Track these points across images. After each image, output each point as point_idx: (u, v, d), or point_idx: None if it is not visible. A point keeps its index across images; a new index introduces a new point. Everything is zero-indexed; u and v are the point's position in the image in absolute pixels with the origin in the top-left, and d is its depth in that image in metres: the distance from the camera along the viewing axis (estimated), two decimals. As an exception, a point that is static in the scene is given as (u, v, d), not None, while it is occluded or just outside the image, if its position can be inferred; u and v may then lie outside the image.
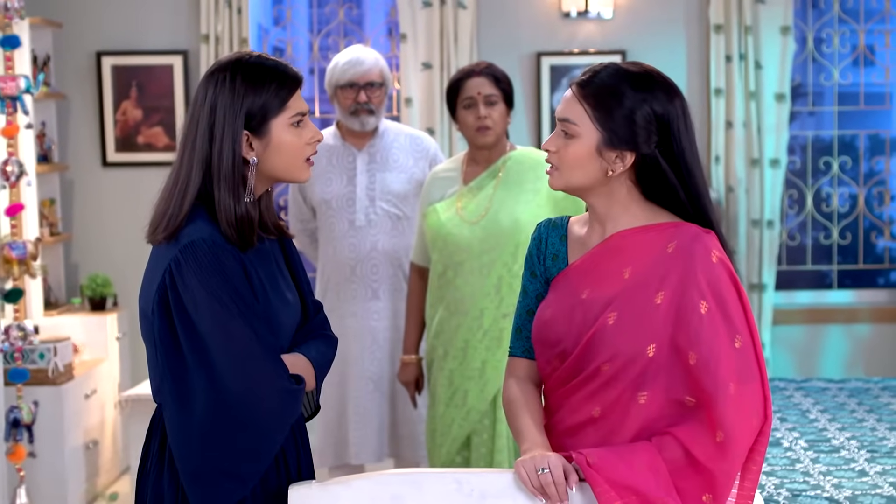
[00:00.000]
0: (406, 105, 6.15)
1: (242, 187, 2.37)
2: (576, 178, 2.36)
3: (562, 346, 2.36)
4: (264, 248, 2.46)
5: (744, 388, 2.24)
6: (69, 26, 6.18)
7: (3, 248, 4.61)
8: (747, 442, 2.26)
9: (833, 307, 6.46)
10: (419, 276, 4.12)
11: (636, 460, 2.23)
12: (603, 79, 2.34)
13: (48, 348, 5.12)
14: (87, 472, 5.41)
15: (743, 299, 2.30)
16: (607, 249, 2.38)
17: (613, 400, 2.29)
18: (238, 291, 2.30)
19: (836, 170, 6.54)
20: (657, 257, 2.31)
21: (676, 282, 2.28)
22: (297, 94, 2.42)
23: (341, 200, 4.37)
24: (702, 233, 2.33)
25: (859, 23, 6.50)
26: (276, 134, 2.39)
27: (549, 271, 2.46)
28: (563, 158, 2.35)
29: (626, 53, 6.20)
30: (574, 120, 2.34)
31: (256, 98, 2.37)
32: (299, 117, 2.41)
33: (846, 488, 3.58)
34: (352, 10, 6.67)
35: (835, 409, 4.64)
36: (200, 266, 2.29)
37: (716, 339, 2.24)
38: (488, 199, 3.88)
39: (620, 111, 2.31)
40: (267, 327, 2.34)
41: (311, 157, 2.44)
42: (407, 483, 2.30)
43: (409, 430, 4.42)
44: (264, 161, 2.39)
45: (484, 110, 3.87)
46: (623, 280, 2.32)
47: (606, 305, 2.31)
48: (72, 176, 6.30)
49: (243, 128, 2.37)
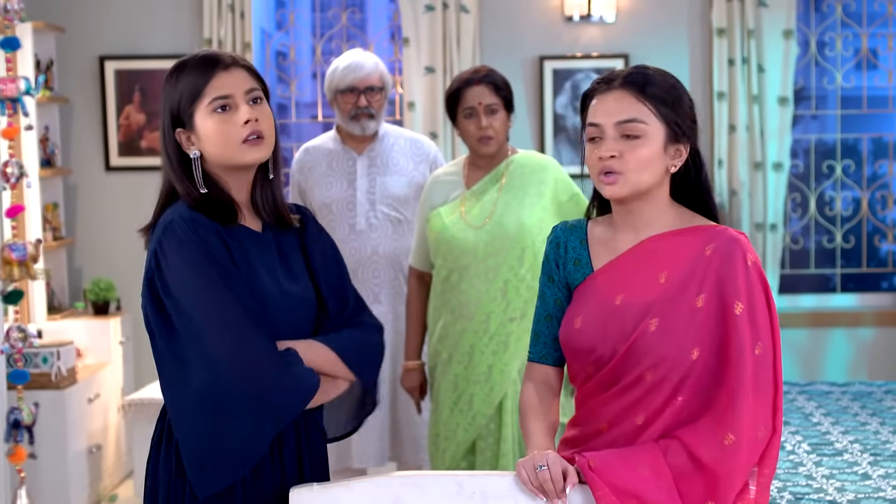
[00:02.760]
0: (409, 109, 6.15)
1: (192, 182, 2.39)
2: (643, 181, 2.32)
3: (596, 353, 2.34)
4: (262, 236, 2.46)
5: (755, 398, 2.24)
6: (72, 31, 6.19)
7: (3, 249, 4.61)
8: (754, 450, 2.25)
9: (836, 311, 6.45)
10: (418, 281, 4.12)
11: (639, 464, 2.22)
12: (652, 76, 2.34)
13: (51, 352, 5.12)
14: (90, 476, 5.41)
15: (771, 306, 2.30)
16: (641, 253, 2.36)
17: (659, 407, 2.28)
18: (218, 262, 2.31)
19: (840, 173, 6.53)
20: (695, 260, 2.31)
21: (715, 283, 2.28)
22: (216, 79, 2.37)
23: (342, 204, 4.37)
24: (738, 235, 2.33)
25: (862, 26, 6.49)
26: (200, 123, 2.38)
27: (570, 276, 2.44)
28: (630, 161, 2.30)
29: (629, 57, 6.20)
30: (641, 118, 2.31)
31: (174, 93, 2.39)
32: (220, 101, 2.36)
33: (849, 492, 3.57)
34: (355, 14, 6.68)
35: (838, 412, 4.64)
36: (181, 243, 2.31)
37: (744, 341, 2.25)
38: (492, 203, 3.88)
39: (681, 105, 2.33)
40: (251, 298, 2.35)
41: (251, 137, 2.37)
42: (408, 485, 2.30)
43: (412, 434, 4.42)
44: (204, 152, 2.39)
45: (485, 120, 3.87)
46: (660, 285, 2.31)
47: (646, 311, 2.30)
48: (75, 180, 6.31)
49: (173, 126, 2.40)
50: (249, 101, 2.39)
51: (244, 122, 2.37)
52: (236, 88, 2.38)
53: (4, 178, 4.59)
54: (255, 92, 2.41)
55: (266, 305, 2.38)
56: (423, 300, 4.10)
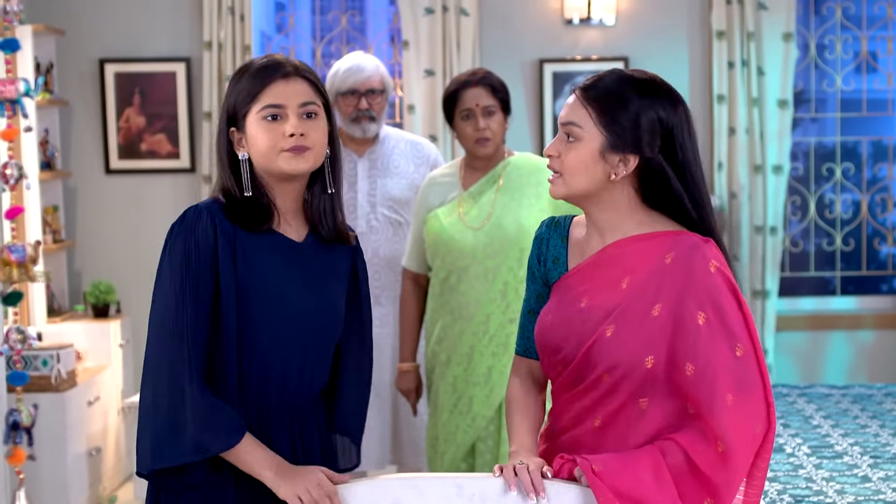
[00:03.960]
0: (408, 112, 6.15)
1: (238, 182, 2.41)
2: (578, 184, 2.34)
3: (563, 352, 2.36)
4: (300, 246, 2.44)
5: (744, 398, 2.23)
6: (72, 33, 6.19)
7: (2, 251, 4.61)
8: (749, 451, 2.25)
9: (836, 314, 6.45)
10: (413, 282, 4.12)
11: (640, 468, 2.22)
12: (607, 83, 2.34)
13: (51, 355, 5.12)
14: (89, 479, 5.41)
15: (743, 307, 2.29)
16: (605, 258, 2.37)
17: (615, 410, 2.29)
18: (189, 260, 2.34)
19: (839, 176, 6.53)
20: (655, 268, 2.31)
21: (674, 293, 2.27)
22: (272, 86, 2.38)
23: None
24: (700, 242, 2.31)
25: (862, 29, 6.50)
26: (249, 128, 2.40)
27: (549, 273, 2.46)
28: (565, 163, 2.33)
29: (629, 60, 6.20)
30: (578, 122, 2.33)
31: (233, 93, 2.42)
32: (270, 110, 2.37)
33: (849, 494, 3.57)
34: (354, 17, 6.68)
35: (838, 415, 4.64)
36: (180, 232, 2.36)
37: (714, 350, 2.23)
38: (490, 205, 3.88)
39: (625, 115, 2.31)
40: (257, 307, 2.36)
41: (290, 149, 2.37)
42: (407, 487, 2.30)
43: (411, 437, 4.42)
44: (251, 156, 2.41)
45: (483, 122, 3.87)
46: (621, 290, 2.32)
47: (605, 316, 2.31)
48: (75, 183, 6.31)
49: (228, 125, 2.42)
50: (302, 115, 2.39)
51: (289, 134, 2.37)
52: (290, 99, 2.38)
53: (4, 180, 4.59)
54: (311, 106, 2.40)
55: (282, 315, 2.38)
56: (417, 302, 4.10)
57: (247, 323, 2.37)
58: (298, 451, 2.44)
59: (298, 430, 2.46)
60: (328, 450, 2.52)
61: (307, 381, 2.46)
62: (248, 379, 2.39)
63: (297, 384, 2.44)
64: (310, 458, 2.46)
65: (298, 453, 2.44)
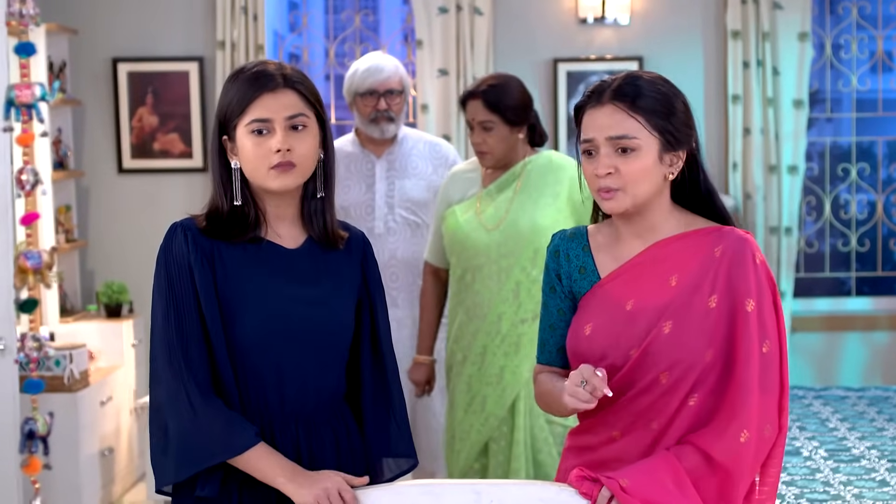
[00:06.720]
0: (422, 112, 6.13)
1: (227, 190, 2.40)
2: (644, 192, 2.31)
3: (608, 360, 2.33)
4: (293, 252, 2.43)
5: (761, 397, 2.24)
6: (85, 33, 6.18)
7: (18, 257, 4.60)
8: (761, 449, 2.26)
9: (851, 314, 6.42)
10: (433, 276, 4.10)
11: (663, 477, 2.21)
12: (642, 87, 2.32)
13: (64, 355, 5.11)
14: (102, 479, 5.40)
15: (777, 307, 2.31)
16: (649, 259, 2.35)
17: (673, 411, 2.28)
18: (171, 279, 2.37)
19: (855, 176, 6.50)
20: (705, 262, 2.31)
21: (726, 283, 2.28)
22: (260, 99, 2.35)
23: (360, 208, 4.35)
24: (745, 235, 2.34)
25: (877, 29, 6.46)
26: (239, 139, 2.39)
27: (576, 285, 2.43)
28: (626, 176, 2.29)
29: (643, 60, 6.18)
30: (630, 133, 2.29)
31: (225, 100, 2.40)
32: (257, 125, 2.35)
33: (867, 498, 3.55)
34: (368, 16, 6.66)
35: (854, 417, 4.61)
36: (161, 251, 2.41)
37: (752, 339, 2.25)
38: (508, 203, 3.86)
39: (672, 112, 2.31)
40: (215, 320, 2.36)
41: (276, 166, 2.35)
42: (425, 494, 2.28)
43: (428, 442, 4.39)
44: (242, 166, 2.40)
45: (478, 136, 3.84)
46: (671, 288, 2.31)
47: (659, 315, 2.30)
48: (87, 183, 6.30)
49: (220, 132, 2.41)
50: (288, 128, 2.37)
51: (276, 150, 2.35)
52: (277, 113, 2.36)
53: (20, 186, 4.58)
54: (299, 118, 2.38)
55: (270, 324, 2.37)
56: (437, 295, 4.09)
57: (235, 334, 2.35)
58: (305, 459, 2.39)
59: (305, 439, 2.41)
60: (346, 458, 2.47)
61: (311, 387, 2.42)
62: (245, 388, 2.37)
63: (299, 391, 2.40)
64: (320, 467, 2.40)
65: (305, 461, 2.39)
